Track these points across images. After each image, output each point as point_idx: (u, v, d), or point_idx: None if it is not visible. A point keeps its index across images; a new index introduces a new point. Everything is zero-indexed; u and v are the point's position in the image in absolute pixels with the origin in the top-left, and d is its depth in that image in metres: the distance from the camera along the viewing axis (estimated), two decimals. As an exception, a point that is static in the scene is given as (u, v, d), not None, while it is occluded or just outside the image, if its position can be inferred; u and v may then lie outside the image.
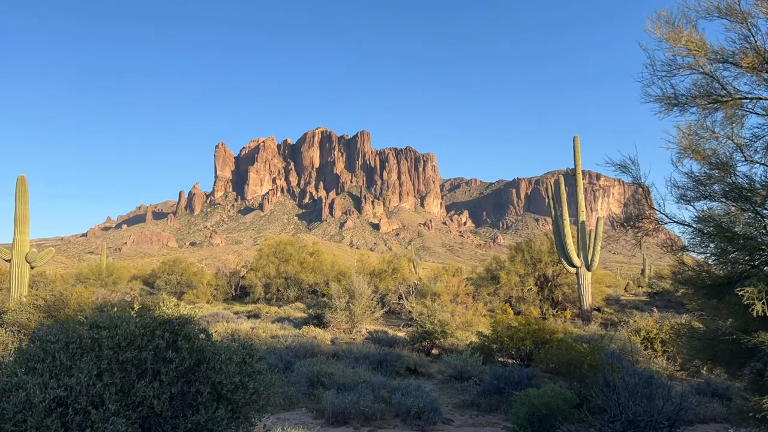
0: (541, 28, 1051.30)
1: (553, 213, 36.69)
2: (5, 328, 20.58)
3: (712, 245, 7.87)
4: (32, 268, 32.52)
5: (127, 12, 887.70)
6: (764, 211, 7.64)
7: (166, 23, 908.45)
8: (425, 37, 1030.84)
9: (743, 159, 8.08)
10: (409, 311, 32.38)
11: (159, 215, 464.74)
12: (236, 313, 35.34)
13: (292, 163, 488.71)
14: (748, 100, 7.96)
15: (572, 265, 34.92)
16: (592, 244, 35.59)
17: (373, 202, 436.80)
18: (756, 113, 8.00)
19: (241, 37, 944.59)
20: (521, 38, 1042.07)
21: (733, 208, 7.77)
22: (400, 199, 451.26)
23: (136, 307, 8.45)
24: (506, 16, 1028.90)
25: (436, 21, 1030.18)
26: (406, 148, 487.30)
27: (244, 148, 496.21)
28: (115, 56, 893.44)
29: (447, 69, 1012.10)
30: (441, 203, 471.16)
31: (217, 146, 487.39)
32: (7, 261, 32.39)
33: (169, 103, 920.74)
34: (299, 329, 27.03)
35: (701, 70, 8.05)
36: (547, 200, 40.37)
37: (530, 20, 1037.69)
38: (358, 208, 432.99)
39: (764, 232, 7.61)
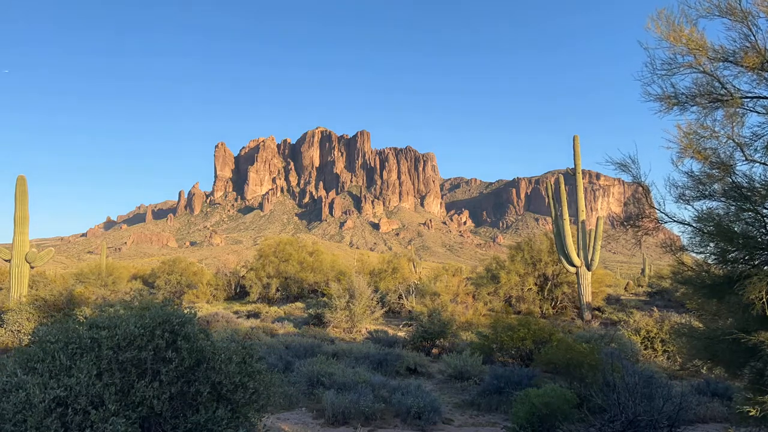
0: (542, 26, 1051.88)
1: (553, 212, 36.69)
2: (5, 328, 20.59)
3: (711, 245, 7.85)
4: (32, 268, 32.51)
5: (126, 12, 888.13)
6: (764, 211, 7.62)
7: (165, 24, 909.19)
8: (425, 36, 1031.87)
9: (743, 158, 8.07)
10: (409, 311, 32.39)
11: (159, 215, 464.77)
12: (236, 312, 35.33)
13: (292, 163, 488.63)
14: (748, 99, 7.95)
15: (572, 264, 34.92)
16: (592, 244, 35.59)
17: (373, 201, 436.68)
18: (756, 112, 7.99)
19: (241, 37, 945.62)
20: (522, 36, 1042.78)
21: (733, 207, 7.75)
22: (400, 199, 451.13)
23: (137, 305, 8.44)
24: (506, 15, 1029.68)
25: (436, 20, 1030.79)
26: (406, 148, 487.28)
27: (244, 147, 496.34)
28: (115, 56, 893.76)
29: (447, 68, 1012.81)
30: (441, 203, 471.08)
31: (216, 146, 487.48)
32: (7, 261, 32.38)
33: (169, 102, 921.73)
34: (299, 329, 27.03)
35: (701, 69, 8.04)
36: (547, 200, 40.36)
37: (531, 19, 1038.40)
38: (358, 207, 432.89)
39: (764, 231, 7.60)
